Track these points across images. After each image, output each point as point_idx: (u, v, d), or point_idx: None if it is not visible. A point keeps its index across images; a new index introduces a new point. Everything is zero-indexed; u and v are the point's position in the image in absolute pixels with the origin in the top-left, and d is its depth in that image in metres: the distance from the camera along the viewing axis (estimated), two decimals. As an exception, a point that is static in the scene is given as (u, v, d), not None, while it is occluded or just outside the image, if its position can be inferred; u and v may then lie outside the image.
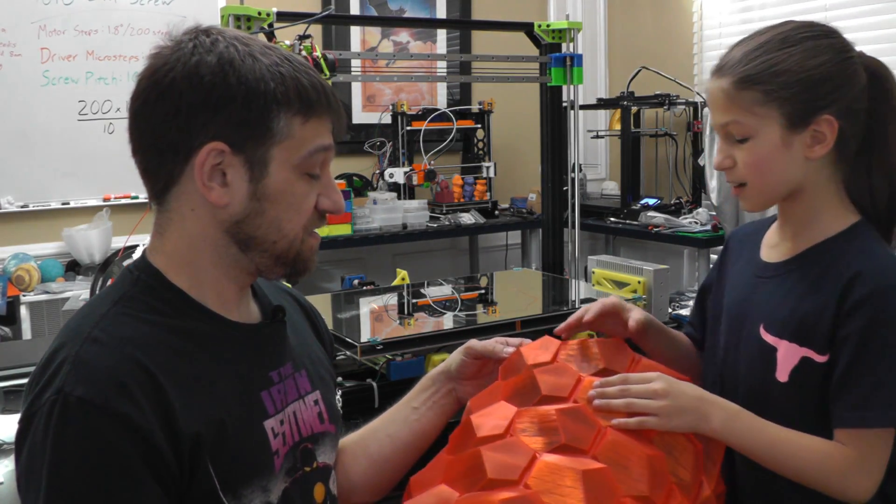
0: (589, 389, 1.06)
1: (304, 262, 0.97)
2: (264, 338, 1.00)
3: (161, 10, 3.64)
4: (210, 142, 0.88)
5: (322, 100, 0.93)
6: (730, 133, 1.16)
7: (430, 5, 4.26)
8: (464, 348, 1.19)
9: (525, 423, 1.01)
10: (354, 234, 3.52)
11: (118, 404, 0.81)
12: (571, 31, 2.53)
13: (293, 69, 0.92)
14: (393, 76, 3.30)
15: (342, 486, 1.15)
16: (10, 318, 3.12)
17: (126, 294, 0.91)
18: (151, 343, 0.87)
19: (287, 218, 0.93)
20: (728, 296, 1.28)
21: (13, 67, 3.40)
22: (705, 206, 3.85)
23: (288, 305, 1.09)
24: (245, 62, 0.89)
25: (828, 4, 3.87)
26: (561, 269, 2.62)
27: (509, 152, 4.30)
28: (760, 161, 1.14)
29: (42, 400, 0.82)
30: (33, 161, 3.47)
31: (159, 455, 0.82)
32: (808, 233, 1.18)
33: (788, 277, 1.18)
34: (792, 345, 1.13)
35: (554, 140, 2.58)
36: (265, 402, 0.95)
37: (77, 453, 0.80)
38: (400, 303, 2.17)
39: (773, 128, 1.12)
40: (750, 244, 1.29)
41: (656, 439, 1.03)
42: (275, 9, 2.12)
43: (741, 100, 1.13)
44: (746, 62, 1.14)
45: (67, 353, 0.84)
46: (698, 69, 4.64)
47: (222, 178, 0.90)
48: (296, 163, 0.92)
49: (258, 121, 0.89)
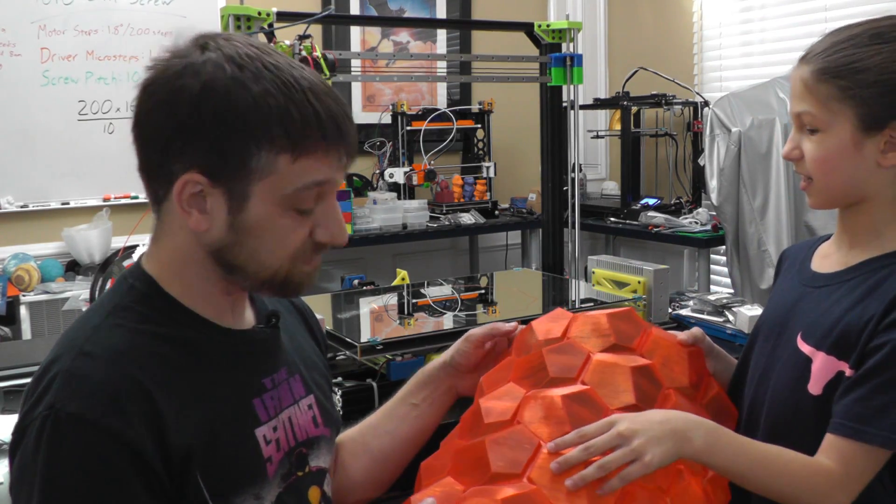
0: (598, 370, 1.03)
1: (296, 285, 0.94)
2: (258, 344, 0.99)
3: (161, 9, 3.63)
4: (188, 171, 0.85)
5: (319, 132, 0.86)
6: (802, 123, 1.12)
7: (430, 5, 4.26)
8: (463, 338, 1.19)
9: (531, 411, 1.00)
10: (354, 234, 3.52)
11: (110, 420, 0.80)
12: (571, 31, 2.53)
13: (287, 99, 0.84)
14: (393, 76, 3.30)
15: (343, 483, 1.15)
16: (9, 318, 3.11)
17: (119, 304, 0.91)
18: (144, 355, 0.86)
19: (268, 251, 0.89)
20: (771, 305, 1.24)
21: (13, 67, 3.40)
22: (705, 206, 3.85)
23: (282, 308, 1.08)
24: (230, 91, 0.84)
25: (828, 5, 3.87)
26: (561, 269, 2.62)
27: (509, 152, 4.30)
28: (827, 157, 1.10)
29: (34, 414, 0.82)
30: (33, 161, 3.47)
31: (151, 469, 0.82)
32: (867, 246, 1.13)
33: (837, 289, 1.12)
34: (830, 357, 1.07)
35: (554, 140, 2.58)
36: (257, 410, 0.94)
37: (70, 469, 0.80)
38: (400, 303, 2.17)
39: (845, 126, 1.08)
40: (802, 258, 1.23)
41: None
42: (275, 9, 2.12)
43: (818, 91, 1.09)
44: (830, 53, 1.09)
45: (60, 368, 0.84)
46: (698, 69, 4.65)
47: (203, 203, 0.87)
48: (281, 198, 0.87)
49: (233, 157, 0.85)
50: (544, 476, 0.93)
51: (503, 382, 1.08)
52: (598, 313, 1.13)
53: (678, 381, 1.08)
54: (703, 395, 1.11)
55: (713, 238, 3.64)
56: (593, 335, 1.09)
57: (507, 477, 0.94)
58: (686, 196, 4.12)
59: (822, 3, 3.89)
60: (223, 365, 0.93)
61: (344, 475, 1.15)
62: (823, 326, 1.09)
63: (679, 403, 1.04)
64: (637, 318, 1.14)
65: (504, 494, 0.92)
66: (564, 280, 2.47)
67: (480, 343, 1.18)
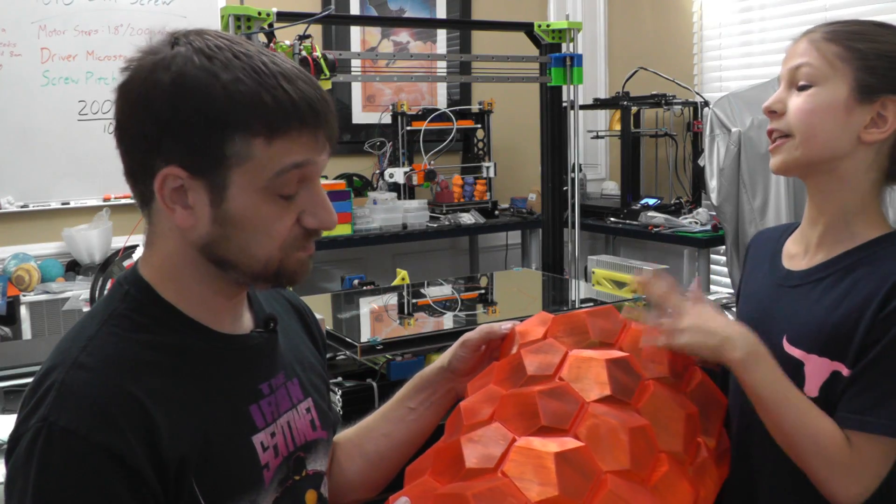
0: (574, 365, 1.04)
1: (291, 274, 0.92)
2: (255, 349, 0.98)
3: (161, 9, 3.64)
4: (166, 166, 0.85)
5: (294, 114, 0.85)
6: (795, 77, 1.11)
7: (430, 5, 4.26)
8: (459, 342, 1.18)
9: (508, 409, 1.01)
10: (354, 234, 3.52)
11: (101, 436, 0.80)
12: (571, 31, 2.53)
13: (258, 83, 0.84)
14: (393, 76, 3.30)
15: (339, 484, 1.14)
16: (10, 318, 3.12)
17: (115, 312, 0.90)
18: (138, 366, 0.86)
19: (256, 242, 0.88)
20: (745, 307, 1.23)
21: (13, 67, 3.40)
22: (705, 206, 3.85)
23: (281, 309, 1.08)
24: (200, 81, 0.83)
25: (828, 5, 3.87)
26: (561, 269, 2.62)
27: (509, 152, 4.30)
28: (815, 110, 1.09)
29: (28, 425, 0.82)
30: (33, 161, 3.47)
31: (144, 482, 0.82)
32: (839, 238, 1.12)
33: (814, 287, 1.12)
34: (822, 359, 1.07)
35: (554, 140, 2.58)
36: (254, 417, 0.94)
37: (60, 481, 0.80)
38: (400, 303, 2.17)
39: (841, 85, 1.08)
40: (771, 250, 1.23)
41: (643, 408, 1.01)
42: (275, 9, 2.12)
43: (824, 48, 1.09)
44: (842, 26, 1.11)
45: (55, 379, 0.83)
46: (698, 69, 4.65)
47: (185, 198, 0.87)
48: (261, 185, 0.86)
49: (208, 146, 0.84)
50: (517, 468, 0.93)
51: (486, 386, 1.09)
52: (578, 312, 1.13)
53: (658, 372, 1.08)
54: (687, 385, 1.11)
55: (713, 238, 3.64)
56: (573, 334, 1.10)
57: (480, 472, 0.95)
58: (686, 196, 4.12)
59: (822, 3, 3.89)
60: (219, 372, 0.93)
61: (338, 476, 1.15)
62: (810, 328, 1.09)
63: (658, 393, 1.04)
64: (617, 315, 1.14)
65: (475, 489, 0.92)
66: (564, 280, 2.47)
67: (476, 347, 1.17)
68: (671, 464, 0.99)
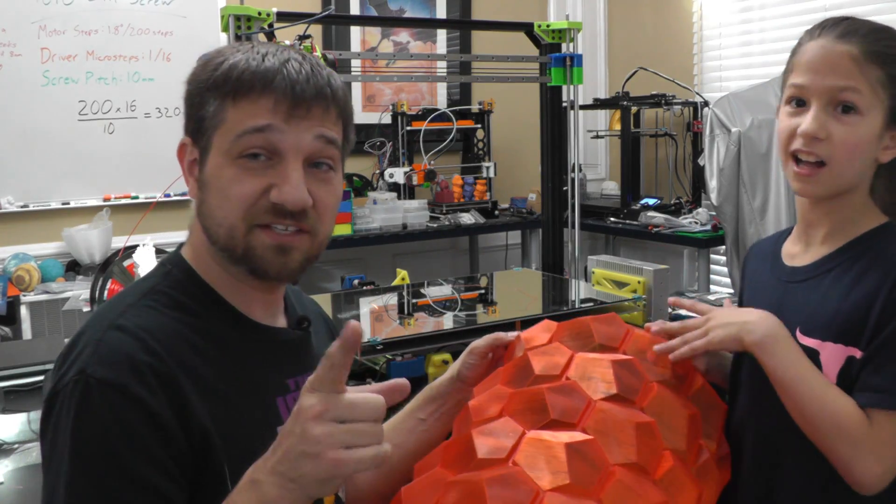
0: (580, 365, 1.07)
1: (258, 259, 0.91)
2: (287, 344, 1.01)
3: (161, 9, 3.63)
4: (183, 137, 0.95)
5: (260, 78, 0.89)
6: (839, 100, 1.07)
7: (430, 5, 4.26)
8: (467, 351, 1.19)
9: (517, 404, 1.03)
10: (354, 234, 3.52)
11: (135, 389, 0.83)
12: (571, 31, 2.53)
13: (234, 51, 0.92)
14: (393, 76, 3.30)
15: (348, 494, 1.16)
16: (10, 318, 3.11)
17: (155, 287, 0.93)
18: (171, 339, 0.88)
19: (217, 205, 0.91)
20: (752, 305, 1.21)
21: (13, 67, 3.40)
22: (705, 206, 3.85)
23: (312, 315, 1.09)
24: (208, 59, 0.93)
25: (827, 5, 3.87)
26: (561, 269, 2.62)
27: (509, 152, 4.30)
28: (860, 144, 1.08)
29: (65, 380, 0.84)
30: (33, 161, 3.47)
31: (173, 439, 0.84)
32: (843, 231, 1.14)
33: (824, 279, 1.13)
34: (837, 346, 1.07)
35: (554, 140, 2.58)
36: (280, 409, 0.95)
37: (97, 430, 0.82)
38: (400, 303, 2.17)
39: (877, 114, 1.08)
40: (770, 256, 1.24)
41: (647, 407, 1.03)
42: (275, 9, 2.12)
43: (868, 71, 1.06)
44: (877, 39, 1.08)
45: (90, 337, 0.86)
46: (698, 69, 4.65)
47: (194, 168, 0.94)
48: (226, 148, 0.90)
49: (198, 110, 0.92)
50: (528, 458, 0.94)
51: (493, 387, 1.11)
52: (582, 319, 1.17)
53: (661, 375, 1.11)
54: (689, 388, 1.14)
55: (713, 238, 3.64)
56: (578, 338, 1.14)
57: (492, 462, 0.96)
58: (686, 196, 4.12)
59: (822, 3, 3.89)
60: (250, 360, 0.95)
61: (348, 486, 1.16)
62: (824, 317, 1.10)
63: (661, 394, 1.06)
64: (619, 321, 1.18)
65: (488, 475, 0.93)
66: (564, 280, 2.47)
67: (484, 354, 1.18)
68: (675, 461, 1.00)
